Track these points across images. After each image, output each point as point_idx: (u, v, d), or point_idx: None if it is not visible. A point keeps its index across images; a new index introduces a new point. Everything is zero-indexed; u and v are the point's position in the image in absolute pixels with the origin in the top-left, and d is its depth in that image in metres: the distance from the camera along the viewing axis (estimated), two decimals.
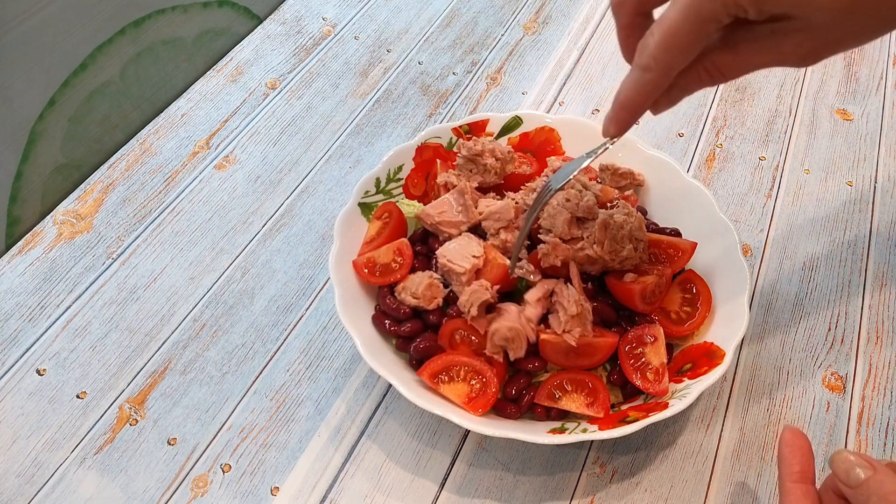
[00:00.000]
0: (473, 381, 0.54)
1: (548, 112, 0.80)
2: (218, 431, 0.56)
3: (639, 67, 0.41)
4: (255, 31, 0.88)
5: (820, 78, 0.85)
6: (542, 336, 0.54)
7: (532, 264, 0.57)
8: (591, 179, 0.64)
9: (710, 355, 0.54)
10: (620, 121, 0.45)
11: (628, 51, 0.45)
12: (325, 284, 0.65)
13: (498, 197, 0.62)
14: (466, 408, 0.52)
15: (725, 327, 0.56)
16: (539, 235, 0.58)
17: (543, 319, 0.55)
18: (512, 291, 0.57)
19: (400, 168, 0.65)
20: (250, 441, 0.56)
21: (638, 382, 0.53)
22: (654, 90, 0.42)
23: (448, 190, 0.62)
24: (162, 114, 0.79)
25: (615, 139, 0.47)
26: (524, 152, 0.68)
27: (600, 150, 0.49)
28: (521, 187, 0.62)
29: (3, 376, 0.59)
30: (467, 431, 0.57)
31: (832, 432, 0.57)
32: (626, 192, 0.65)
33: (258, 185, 0.73)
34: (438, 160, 0.66)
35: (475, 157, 0.62)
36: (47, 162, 0.70)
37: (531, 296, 0.55)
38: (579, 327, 0.53)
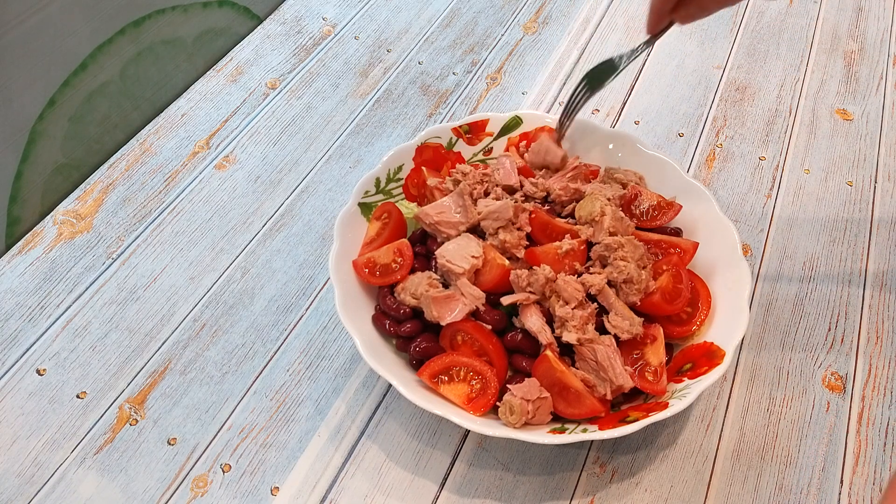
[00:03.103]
0: (473, 382, 0.54)
1: (548, 112, 0.80)
2: (218, 431, 0.56)
3: None
4: (255, 31, 0.88)
5: (820, 78, 0.85)
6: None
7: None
8: (591, 176, 0.64)
9: (710, 355, 0.54)
10: (649, 22, 0.58)
11: None
12: (325, 284, 0.65)
13: (497, 197, 0.61)
14: (466, 408, 0.52)
15: (725, 327, 0.56)
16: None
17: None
18: (509, 292, 0.57)
19: (400, 168, 0.65)
20: (250, 441, 0.56)
21: (637, 382, 0.53)
22: None
23: (441, 192, 0.62)
24: (162, 114, 0.79)
25: (652, 40, 0.59)
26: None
27: (640, 50, 0.61)
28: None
29: (3, 376, 0.59)
30: (467, 431, 0.57)
31: (832, 432, 0.57)
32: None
33: (258, 185, 0.73)
34: (424, 168, 0.65)
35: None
36: (47, 162, 0.70)
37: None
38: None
